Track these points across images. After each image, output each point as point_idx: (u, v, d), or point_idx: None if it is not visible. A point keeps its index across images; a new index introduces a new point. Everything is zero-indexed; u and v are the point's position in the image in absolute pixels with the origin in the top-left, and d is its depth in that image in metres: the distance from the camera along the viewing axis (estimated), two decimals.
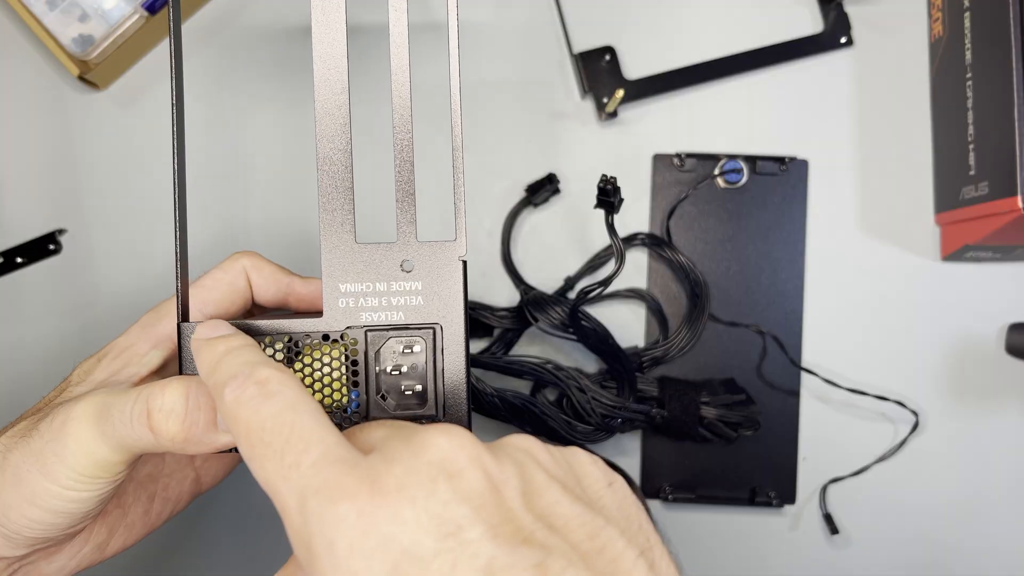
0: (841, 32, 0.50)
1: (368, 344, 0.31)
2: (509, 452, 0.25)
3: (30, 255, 0.48)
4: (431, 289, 0.31)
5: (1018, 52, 0.43)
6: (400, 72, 0.31)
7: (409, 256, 0.31)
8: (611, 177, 0.37)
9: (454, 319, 0.31)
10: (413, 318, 0.31)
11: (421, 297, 0.31)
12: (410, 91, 0.31)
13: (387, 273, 0.31)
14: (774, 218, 0.50)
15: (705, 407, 0.46)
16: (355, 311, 0.31)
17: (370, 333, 0.31)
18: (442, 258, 0.31)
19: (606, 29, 0.50)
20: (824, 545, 0.49)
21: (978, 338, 0.50)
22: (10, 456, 0.31)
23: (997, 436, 0.49)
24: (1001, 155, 0.44)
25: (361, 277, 0.31)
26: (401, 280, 0.31)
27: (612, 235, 0.38)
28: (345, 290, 0.31)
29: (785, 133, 0.50)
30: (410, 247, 0.31)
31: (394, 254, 0.31)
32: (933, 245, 0.50)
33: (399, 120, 0.31)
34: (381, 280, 0.31)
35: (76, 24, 0.46)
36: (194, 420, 0.29)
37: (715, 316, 0.49)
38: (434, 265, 0.31)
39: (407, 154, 0.31)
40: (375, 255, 0.31)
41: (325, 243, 0.31)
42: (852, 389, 0.49)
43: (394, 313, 0.31)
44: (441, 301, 0.31)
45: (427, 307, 0.31)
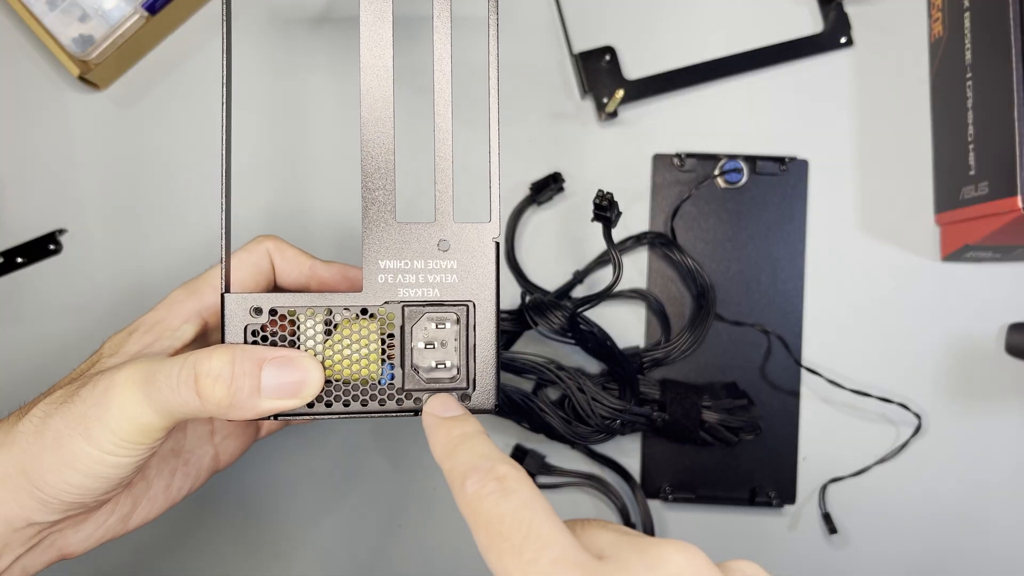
0: (841, 32, 0.50)
1: (405, 319, 0.32)
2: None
3: (30, 255, 0.48)
4: (466, 268, 0.32)
5: (1018, 52, 0.43)
6: (442, 62, 0.32)
7: (446, 236, 0.32)
8: (607, 192, 0.37)
9: (486, 297, 0.32)
10: (448, 295, 0.32)
11: (456, 275, 0.32)
12: (451, 81, 0.33)
13: (425, 251, 0.32)
14: (774, 218, 0.50)
15: (707, 411, 0.46)
16: (393, 287, 0.32)
17: (407, 308, 0.32)
18: (477, 239, 0.32)
19: (606, 29, 0.50)
20: (823, 545, 0.49)
21: (978, 338, 0.50)
22: (50, 421, 0.31)
23: (997, 436, 0.49)
24: (1001, 155, 0.44)
25: (400, 254, 0.32)
26: (438, 258, 0.32)
27: (611, 248, 0.39)
28: (384, 266, 0.32)
29: (785, 133, 0.50)
30: (447, 227, 0.32)
31: (432, 233, 0.32)
32: (933, 245, 0.50)
33: (440, 107, 0.32)
34: (419, 258, 0.32)
35: (76, 24, 0.46)
36: (239, 386, 0.30)
37: (719, 315, 0.49)
38: (469, 245, 0.32)
39: (447, 139, 0.32)
40: (414, 234, 0.32)
41: (367, 221, 0.32)
42: (856, 390, 0.49)
43: (430, 290, 0.32)
44: (475, 280, 0.32)
45: (461, 285, 0.32)
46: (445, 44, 0.33)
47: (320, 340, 0.31)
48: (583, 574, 0.24)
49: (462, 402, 0.32)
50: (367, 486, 0.49)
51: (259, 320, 0.31)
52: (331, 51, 0.50)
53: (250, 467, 0.48)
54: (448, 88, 0.32)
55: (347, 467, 0.49)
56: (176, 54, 0.50)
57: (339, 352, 0.31)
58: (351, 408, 0.32)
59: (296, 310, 0.31)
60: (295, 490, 0.49)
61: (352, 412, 0.32)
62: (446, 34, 0.33)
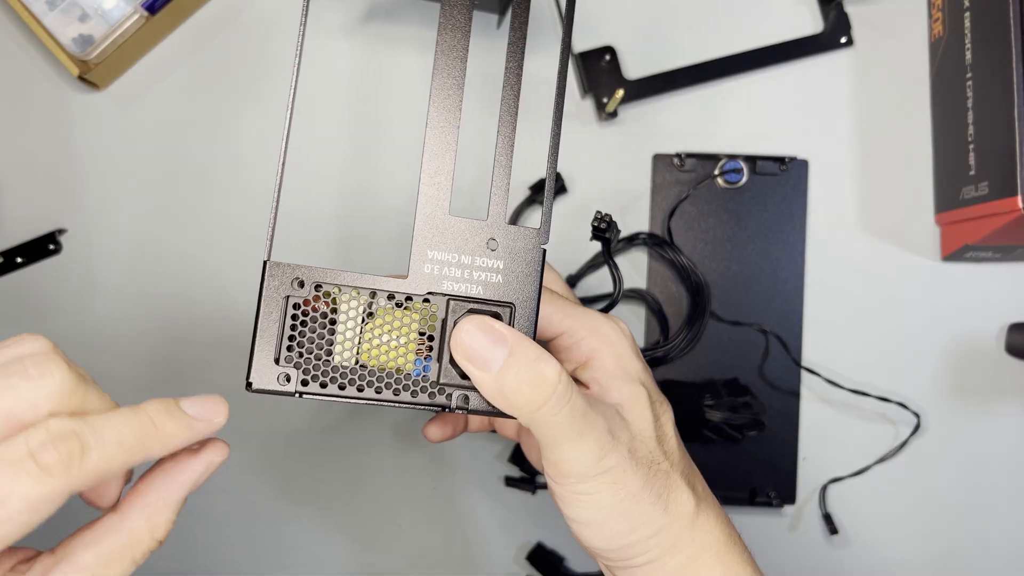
0: (841, 32, 0.50)
1: (448, 312, 0.32)
2: None
3: (30, 255, 0.48)
4: (511, 270, 0.32)
5: (1018, 52, 0.43)
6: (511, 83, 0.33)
7: (496, 236, 0.33)
8: (605, 214, 0.37)
9: (528, 301, 0.32)
10: (491, 294, 0.32)
11: (501, 276, 0.32)
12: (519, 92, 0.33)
13: (474, 248, 0.32)
14: (774, 218, 0.50)
15: (709, 410, 0.46)
16: (438, 278, 0.32)
17: (452, 302, 0.32)
18: (526, 243, 0.33)
19: (606, 29, 0.50)
20: (824, 545, 0.49)
21: (978, 338, 0.50)
22: None
23: (996, 436, 0.49)
24: (1001, 155, 0.44)
25: (449, 247, 0.32)
26: (485, 256, 0.32)
27: (611, 268, 0.39)
28: (432, 257, 0.32)
29: (785, 133, 0.50)
30: (498, 227, 0.33)
31: (483, 231, 0.32)
32: (933, 245, 0.50)
33: (505, 114, 0.33)
34: (467, 253, 0.32)
35: (76, 24, 0.46)
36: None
37: (717, 315, 0.49)
38: (517, 248, 0.32)
39: (509, 144, 0.33)
40: (465, 229, 0.32)
41: (421, 209, 0.32)
42: (854, 390, 0.49)
43: (473, 286, 0.32)
44: (519, 282, 0.32)
45: (505, 286, 0.32)
46: (518, 52, 0.33)
47: (358, 323, 0.31)
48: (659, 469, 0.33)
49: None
50: (365, 487, 0.49)
51: (301, 293, 0.31)
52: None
53: (250, 468, 0.48)
54: (515, 97, 0.33)
55: (348, 467, 0.49)
56: (176, 54, 0.50)
57: (377, 338, 0.31)
58: (382, 396, 0.31)
59: (340, 288, 0.31)
60: (295, 490, 0.49)
61: (383, 400, 0.31)
62: (521, 43, 0.33)
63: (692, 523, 0.33)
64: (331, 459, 0.49)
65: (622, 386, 0.34)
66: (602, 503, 0.32)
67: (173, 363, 0.48)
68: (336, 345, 0.31)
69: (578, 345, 0.35)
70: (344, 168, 0.50)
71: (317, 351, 0.31)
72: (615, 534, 0.33)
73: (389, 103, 0.50)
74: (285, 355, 0.30)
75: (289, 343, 0.31)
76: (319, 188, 0.49)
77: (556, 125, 0.33)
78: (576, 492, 0.32)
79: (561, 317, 0.35)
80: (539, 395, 0.30)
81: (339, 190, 0.49)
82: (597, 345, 0.34)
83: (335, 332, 0.31)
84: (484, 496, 0.49)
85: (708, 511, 0.34)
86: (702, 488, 0.35)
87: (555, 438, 0.31)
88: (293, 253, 0.47)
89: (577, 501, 0.32)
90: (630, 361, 0.35)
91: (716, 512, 0.35)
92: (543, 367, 0.30)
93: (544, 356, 0.31)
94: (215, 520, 0.48)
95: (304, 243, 0.49)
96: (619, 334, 0.35)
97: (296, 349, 0.31)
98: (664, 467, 0.33)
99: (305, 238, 0.49)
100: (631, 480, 0.32)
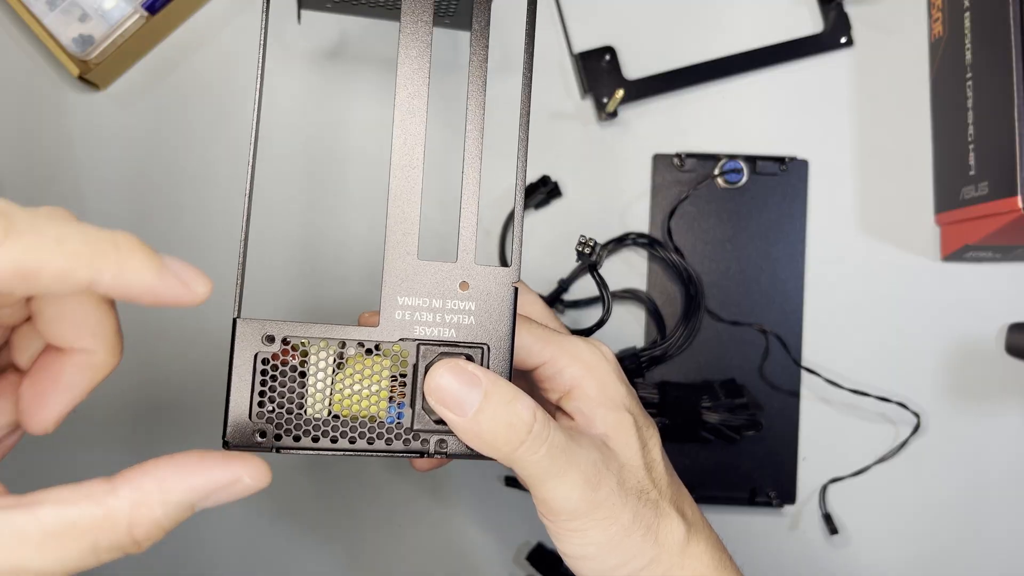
0: (841, 32, 0.50)
1: (419, 357, 0.32)
2: None
3: None
4: (483, 310, 0.32)
5: (1018, 52, 0.43)
6: (475, 117, 0.33)
7: (466, 277, 0.32)
8: (589, 239, 0.37)
9: (502, 340, 0.32)
10: (464, 336, 0.32)
11: (473, 317, 0.32)
12: (483, 130, 0.33)
13: (444, 291, 0.32)
14: (774, 218, 0.50)
15: (707, 412, 0.46)
16: (410, 324, 0.32)
17: (423, 347, 0.32)
18: (497, 282, 0.32)
19: (606, 29, 0.50)
20: (824, 545, 0.49)
21: (978, 338, 0.50)
22: None
23: (996, 436, 0.49)
24: (1001, 155, 0.44)
25: (419, 292, 0.32)
26: (456, 299, 0.32)
27: (602, 290, 0.38)
28: (402, 303, 0.32)
29: (785, 133, 0.50)
30: (468, 269, 0.32)
31: (453, 273, 0.32)
32: (933, 245, 0.50)
33: (470, 152, 0.33)
34: (437, 297, 0.32)
35: (76, 24, 0.46)
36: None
37: (717, 315, 0.49)
38: (488, 288, 0.32)
39: (474, 184, 0.33)
40: (434, 272, 0.32)
41: (388, 256, 0.32)
42: (854, 390, 0.49)
43: (446, 329, 0.32)
44: (492, 322, 0.32)
45: (478, 327, 0.32)
46: (479, 88, 0.33)
47: (330, 374, 0.31)
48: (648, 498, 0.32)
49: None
50: (365, 488, 0.49)
51: (270, 348, 0.31)
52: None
53: None
54: (479, 136, 0.33)
55: (347, 466, 0.49)
56: (176, 54, 0.50)
57: (349, 387, 0.31)
58: (356, 446, 0.31)
59: (309, 341, 0.31)
60: (294, 490, 0.49)
61: (357, 450, 0.31)
62: (480, 79, 0.33)
63: (682, 552, 0.33)
64: (330, 459, 0.49)
65: (607, 415, 0.33)
66: (594, 539, 0.32)
67: (171, 360, 0.48)
68: (308, 398, 0.31)
69: (560, 374, 0.34)
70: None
71: (289, 405, 0.31)
72: (608, 568, 0.32)
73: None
74: (257, 411, 0.31)
75: (261, 399, 0.31)
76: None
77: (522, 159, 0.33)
78: (568, 529, 0.32)
79: (541, 346, 0.34)
80: (515, 436, 0.30)
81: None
82: (579, 373, 0.34)
83: (306, 385, 0.31)
84: (484, 496, 0.49)
85: (698, 537, 0.34)
86: (692, 513, 0.35)
87: (538, 477, 0.31)
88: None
89: (570, 537, 0.32)
90: (614, 387, 0.34)
91: (707, 537, 0.34)
92: (518, 407, 0.30)
93: (519, 396, 0.30)
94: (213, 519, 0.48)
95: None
96: (600, 359, 0.34)
97: (268, 404, 0.31)
98: (653, 496, 0.33)
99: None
100: (621, 513, 0.32)
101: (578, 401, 0.34)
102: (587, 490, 0.31)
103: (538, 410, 0.30)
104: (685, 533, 0.33)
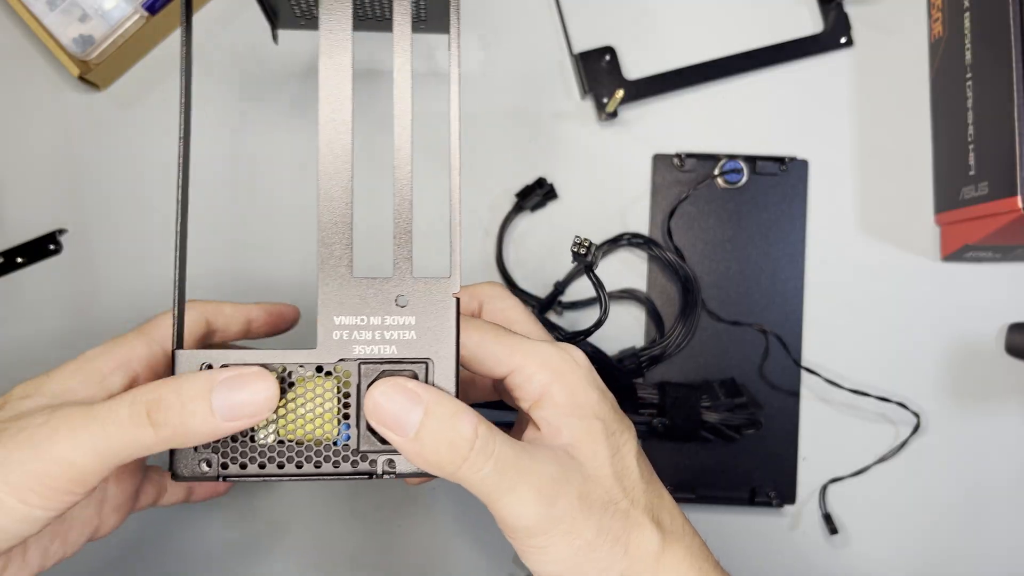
0: (841, 32, 0.50)
1: (361, 377, 0.31)
2: None
3: (30, 255, 0.48)
4: (424, 324, 0.31)
5: (1018, 52, 0.43)
6: (402, 116, 0.32)
7: (404, 291, 0.31)
8: (584, 239, 0.37)
9: (446, 354, 0.31)
10: (406, 352, 0.31)
11: (414, 332, 0.31)
12: (411, 134, 0.32)
13: (382, 307, 0.31)
14: (774, 218, 0.50)
15: (707, 411, 0.46)
16: (348, 344, 0.31)
17: (363, 366, 0.31)
18: (436, 294, 0.31)
19: (606, 29, 0.50)
20: (824, 545, 0.49)
21: (978, 338, 0.50)
22: None
23: (997, 436, 0.49)
24: (1001, 155, 0.44)
25: (356, 310, 0.31)
26: (395, 315, 0.31)
27: (598, 290, 0.38)
28: (340, 323, 0.31)
29: (785, 133, 0.50)
30: (405, 283, 0.31)
31: (389, 289, 0.31)
32: (933, 245, 0.50)
33: (400, 162, 0.32)
34: (375, 314, 0.31)
35: (76, 24, 0.46)
36: (192, 411, 0.29)
37: (717, 315, 0.49)
38: (428, 301, 0.31)
39: (406, 194, 0.32)
40: (371, 289, 0.31)
41: (323, 276, 0.31)
42: (854, 390, 0.48)
43: (387, 347, 0.31)
44: (434, 336, 0.31)
45: (420, 342, 0.31)
46: (405, 95, 0.32)
47: None
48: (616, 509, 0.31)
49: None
50: (365, 486, 0.49)
51: None
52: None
53: None
54: (408, 141, 0.32)
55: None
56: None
57: (293, 411, 0.30)
58: (304, 470, 0.30)
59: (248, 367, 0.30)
60: (293, 490, 0.49)
61: (304, 475, 0.30)
62: (407, 85, 0.32)
63: (656, 562, 0.32)
64: None
65: (573, 424, 0.32)
66: (557, 555, 0.31)
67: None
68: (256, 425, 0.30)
69: (529, 381, 0.32)
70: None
71: (235, 433, 0.30)
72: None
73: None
74: None
75: None
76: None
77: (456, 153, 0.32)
78: (530, 546, 0.31)
79: (508, 353, 0.32)
80: (457, 454, 0.29)
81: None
82: (547, 380, 0.32)
83: None
84: None
85: (675, 546, 0.33)
86: (670, 521, 0.33)
87: (488, 494, 0.30)
88: None
89: (533, 554, 0.31)
90: (583, 393, 0.33)
91: (687, 545, 0.33)
92: (459, 423, 0.29)
93: (460, 412, 0.29)
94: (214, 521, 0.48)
95: None
96: (572, 365, 0.33)
97: None
98: (623, 506, 0.32)
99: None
100: (584, 528, 0.30)
101: (545, 410, 0.32)
102: (542, 505, 0.30)
103: (481, 424, 0.29)
104: (659, 542, 0.32)
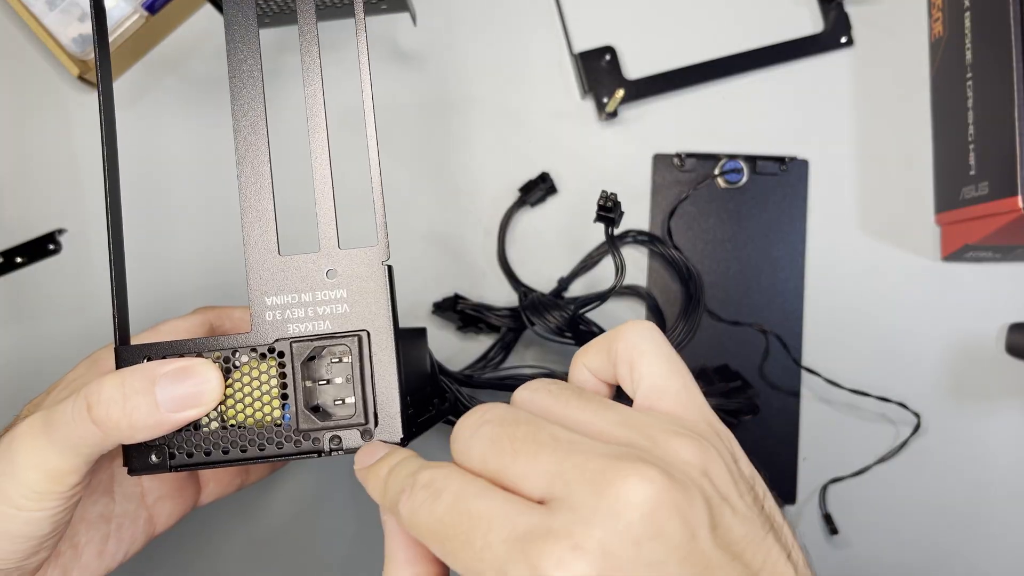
0: (841, 32, 0.50)
1: (294, 355, 0.30)
2: (694, 479, 0.25)
3: (30, 255, 0.48)
4: (356, 296, 0.31)
5: (1018, 52, 0.43)
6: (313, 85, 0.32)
7: (333, 264, 0.31)
8: (611, 193, 0.37)
9: (382, 325, 0.31)
10: (340, 326, 0.31)
11: (347, 304, 0.31)
12: (324, 104, 0.31)
13: (312, 283, 0.31)
14: (774, 218, 0.50)
15: None
16: (282, 323, 0.31)
17: (295, 344, 0.30)
18: (365, 264, 0.31)
19: (606, 29, 0.50)
20: (824, 545, 0.49)
21: (978, 338, 0.50)
22: None
23: (997, 436, 0.49)
24: (1001, 155, 0.44)
25: (286, 289, 0.31)
26: (326, 289, 0.31)
27: (613, 249, 0.38)
28: (271, 303, 0.31)
29: (785, 133, 0.50)
30: (333, 255, 0.31)
31: (318, 264, 0.31)
32: (933, 245, 0.50)
33: (315, 131, 0.31)
34: (306, 290, 0.31)
35: (76, 24, 0.46)
36: (135, 405, 0.29)
37: (717, 315, 0.49)
38: (358, 272, 0.31)
39: (324, 164, 0.31)
40: (299, 266, 0.31)
41: (250, 258, 0.31)
42: (854, 390, 0.48)
43: (321, 323, 0.31)
44: (367, 307, 0.31)
45: (353, 314, 0.31)
46: (315, 65, 0.32)
47: None
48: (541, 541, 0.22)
49: (363, 438, 0.30)
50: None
51: None
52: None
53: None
54: (322, 111, 0.32)
55: (345, 466, 0.49)
56: (176, 54, 0.50)
57: (234, 396, 0.30)
58: (248, 454, 0.30)
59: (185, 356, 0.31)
60: (293, 491, 0.49)
61: (250, 458, 0.30)
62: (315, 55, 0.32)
63: None
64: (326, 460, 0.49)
65: None
66: None
67: None
68: None
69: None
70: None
71: None
72: None
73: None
74: None
75: None
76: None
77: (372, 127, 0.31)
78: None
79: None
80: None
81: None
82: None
83: None
84: None
85: None
86: None
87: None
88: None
89: None
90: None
91: None
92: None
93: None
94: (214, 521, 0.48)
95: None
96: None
97: None
98: None
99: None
100: None
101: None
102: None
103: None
104: None
